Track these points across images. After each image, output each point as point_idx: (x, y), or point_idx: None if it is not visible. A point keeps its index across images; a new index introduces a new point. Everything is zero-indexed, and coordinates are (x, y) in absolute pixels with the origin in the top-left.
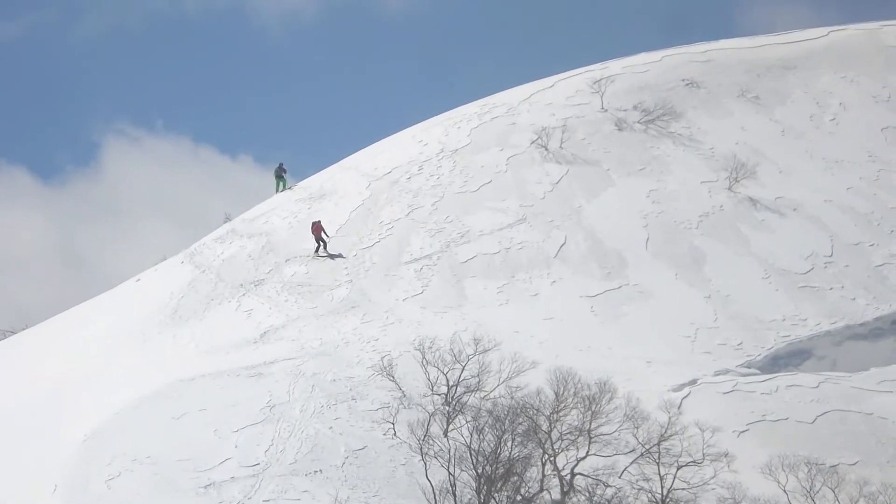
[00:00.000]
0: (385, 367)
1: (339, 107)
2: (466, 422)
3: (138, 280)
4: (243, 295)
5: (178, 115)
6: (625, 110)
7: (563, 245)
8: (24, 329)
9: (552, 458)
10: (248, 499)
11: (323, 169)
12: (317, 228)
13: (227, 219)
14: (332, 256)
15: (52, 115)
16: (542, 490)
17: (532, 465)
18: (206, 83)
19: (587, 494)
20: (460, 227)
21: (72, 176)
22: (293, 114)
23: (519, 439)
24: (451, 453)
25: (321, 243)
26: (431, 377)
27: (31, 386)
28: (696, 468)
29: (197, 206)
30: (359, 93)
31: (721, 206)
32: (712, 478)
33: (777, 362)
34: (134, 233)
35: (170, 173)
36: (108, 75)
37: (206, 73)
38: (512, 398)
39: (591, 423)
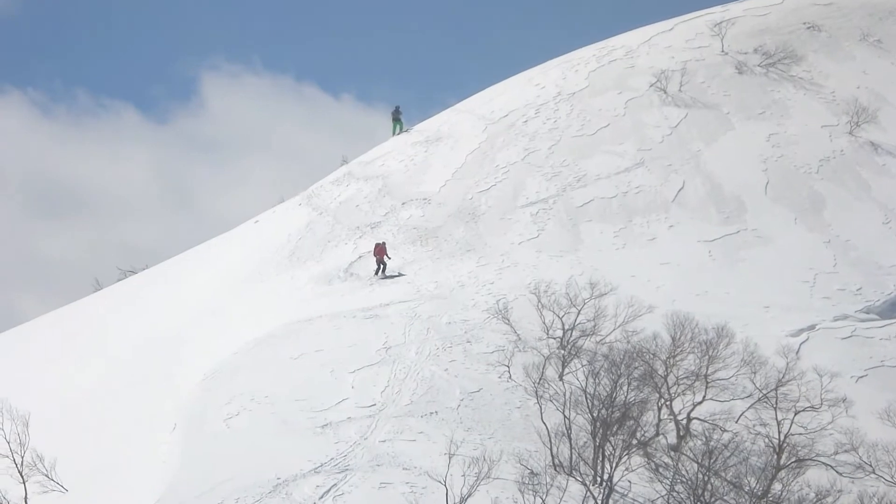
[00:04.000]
0: (500, 311)
1: (452, 48)
2: (582, 365)
3: (256, 221)
4: (360, 237)
5: (275, 52)
6: (745, 53)
7: (681, 189)
8: (144, 269)
9: (668, 403)
10: (365, 439)
11: (435, 112)
12: (380, 251)
13: (344, 161)
14: (388, 277)
15: (143, 49)
16: (657, 434)
17: (648, 410)
18: (303, 17)
19: (703, 439)
20: (577, 171)
21: (173, 113)
22: (400, 53)
23: (635, 383)
24: (567, 397)
25: (382, 266)
26: (547, 321)
27: (152, 326)
28: (814, 413)
29: (303, 144)
30: (473, 33)
31: (842, 151)
32: (830, 423)
33: None
34: (241, 170)
35: (273, 111)
36: (197, 8)
37: (303, 7)
38: (628, 342)
39: (707, 368)
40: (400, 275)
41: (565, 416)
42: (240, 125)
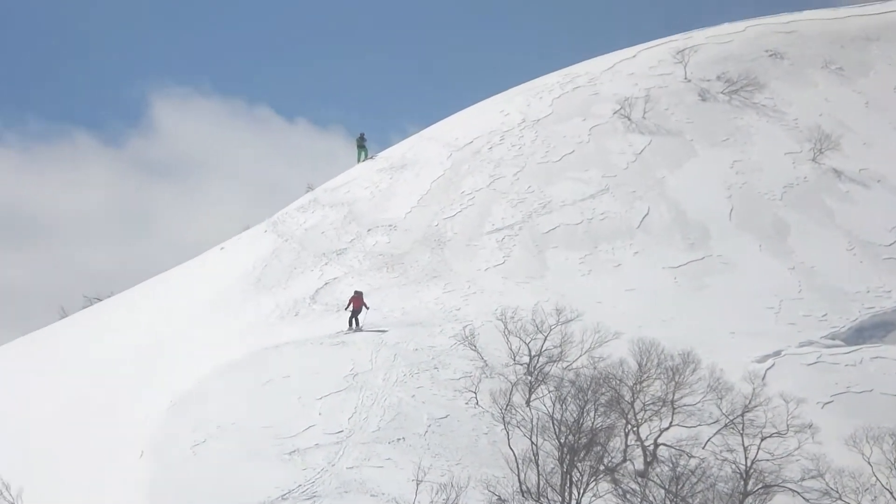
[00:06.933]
0: (467, 337)
1: (412, 74)
2: (549, 392)
3: (222, 248)
4: (325, 264)
5: (224, 74)
6: (708, 80)
7: (645, 216)
8: (109, 296)
9: (635, 429)
10: (332, 465)
11: (399, 139)
12: (357, 301)
13: (309, 188)
14: (357, 328)
15: (89, 72)
16: (625, 460)
17: (615, 436)
18: (257, 41)
19: (670, 465)
20: (542, 198)
21: (126, 135)
22: (356, 78)
23: (602, 409)
24: (534, 423)
25: (355, 318)
26: (513, 347)
27: (118, 353)
28: (780, 439)
29: (262, 168)
30: (438, 61)
31: (805, 178)
32: (796, 449)
33: (861, 334)
34: (200, 195)
35: (227, 135)
36: (146, 33)
37: (257, 30)
38: (595, 368)
39: (674, 394)
40: (360, 329)
41: (532, 442)
42: (194, 148)
